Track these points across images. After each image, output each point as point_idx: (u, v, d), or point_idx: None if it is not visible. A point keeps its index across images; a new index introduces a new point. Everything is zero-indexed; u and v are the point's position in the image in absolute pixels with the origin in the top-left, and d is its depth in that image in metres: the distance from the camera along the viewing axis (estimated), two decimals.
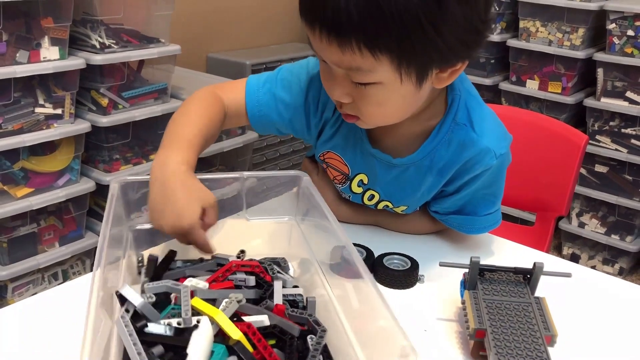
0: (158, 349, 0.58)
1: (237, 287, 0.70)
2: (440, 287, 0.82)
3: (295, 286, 0.73)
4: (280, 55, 2.51)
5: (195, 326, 0.59)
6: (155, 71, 1.73)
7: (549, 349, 0.65)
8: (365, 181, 0.91)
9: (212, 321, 0.60)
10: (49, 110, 1.52)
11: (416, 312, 0.78)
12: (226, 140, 1.98)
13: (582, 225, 2.30)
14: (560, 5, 2.11)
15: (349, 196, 0.95)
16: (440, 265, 0.75)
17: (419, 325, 0.75)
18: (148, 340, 0.58)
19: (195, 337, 0.58)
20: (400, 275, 0.84)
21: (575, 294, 0.83)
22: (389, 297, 0.79)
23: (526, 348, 0.65)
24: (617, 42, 2.08)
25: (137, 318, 0.61)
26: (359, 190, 0.93)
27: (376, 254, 0.87)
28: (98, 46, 1.55)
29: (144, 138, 1.76)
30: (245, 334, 0.60)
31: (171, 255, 0.75)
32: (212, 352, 0.58)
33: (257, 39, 2.66)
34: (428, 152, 0.84)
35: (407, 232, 0.97)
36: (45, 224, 1.60)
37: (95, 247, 1.66)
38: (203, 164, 1.95)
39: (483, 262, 0.73)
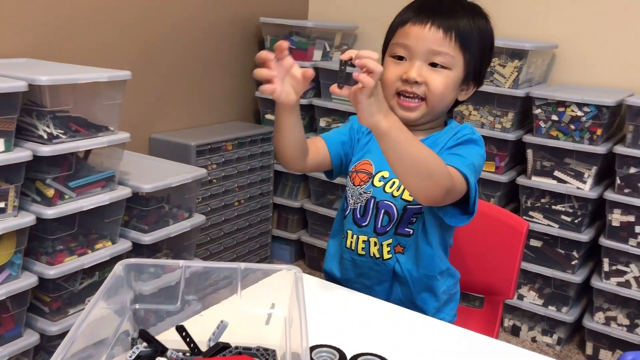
0: None
1: None
2: None
3: None
4: (224, 135, 2.53)
5: None
6: (103, 158, 1.70)
7: None
8: (386, 175, 1.18)
9: None
10: None
11: None
12: (173, 224, 1.95)
13: (520, 297, 2.39)
14: (491, 91, 2.27)
15: (370, 191, 1.19)
16: None
17: None
18: None
19: None
20: None
21: None
22: None
23: None
24: (543, 126, 2.24)
25: None
26: (380, 184, 1.19)
27: (350, 355, 0.88)
28: (46, 137, 1.52)
29: (90, 226, 1.71)
30: None
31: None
32: None
33: (200, 118, 2.69)
34: (434, 140, 1.17)
35: (418, 168, 0.99)
36: None
37: (37, 345, 1.58)
38: (149, 251, 1.90)
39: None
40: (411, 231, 1.17)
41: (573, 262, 2.26)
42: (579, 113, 2.16)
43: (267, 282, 1.02)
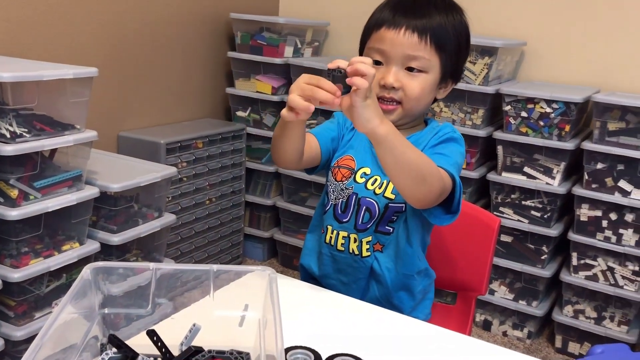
0: None
1: None
2: None
3: None
4: (195, 132, 2.50)
5: None
6: (70, 157, 1.65)
7: None
8: (368, 172, 1.19)
9: None
10: None
11: None
12: (143, 224, 1.92)
13: (492, 292, 2.41)
14: (462, 88, 2.28)
15: (352, 187, 1.19)
16: None
17: None
18: None
19: None
20: None
21: None
22: None
23: None
24: (513, 122, 2.26)
25: None
26: (362, 180, 1.19)
27: (325, 356, 0.87)
28: (8, 135, 1.47)
29: (56, 227, 1.66)
30: None
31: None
32: None
33: (169, 116, 2.64)
34: (417, 138, 1.18)
35: (408, 168, 0.98)
36: None
37: (2, 351, 1.53)
38: (118, 251, 1.86)
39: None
40: (391, 229, 1.17)
41: (543, 257, 2.29)
42: (548, 110, 2.19)
43: (240, 283, 1.00)
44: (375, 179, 1.18)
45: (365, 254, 1.18)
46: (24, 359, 0.66)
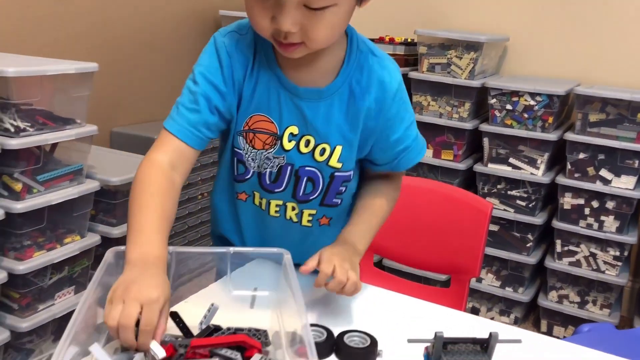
0: None
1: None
2: None
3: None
4: None
5: None
6: (71, 152, 1.68)
7: None
8: (296, 132, 0.95)
9: None
10: None
11: None
12: (122, 224, 1.94)
13: (479, 280, 2.49)
14: (448, 82, 2.35)
15: (284, 157, 0.96)
16: (408, 342, 0.82)
17: None
18: None
19: None
20: (360, 353, 0.89)
21: (526, 358, 0.93)
22: None
23: None
24: (498, 115, 2.34)
25: None
26: (291, 145, 0.96)
27: (337, 332, 0.92)
28: (13, 130, 1.49)
29: (58, 221, 1.69)
30: None
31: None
32: None
33: (161, 112, 2.66)
34: (346, 77, 0.94)
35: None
36: None
37: (7, 342, 1.56)
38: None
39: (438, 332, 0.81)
40: (339, 201, 1.02)
41: (528, 245, 2.37)
42: (532, 102, 2.27)
43: (254, 265, 1.05)
44: (308, 140, 0.95)
45: (305, 223, 1.03)
46: (63, 338, 0.70)
